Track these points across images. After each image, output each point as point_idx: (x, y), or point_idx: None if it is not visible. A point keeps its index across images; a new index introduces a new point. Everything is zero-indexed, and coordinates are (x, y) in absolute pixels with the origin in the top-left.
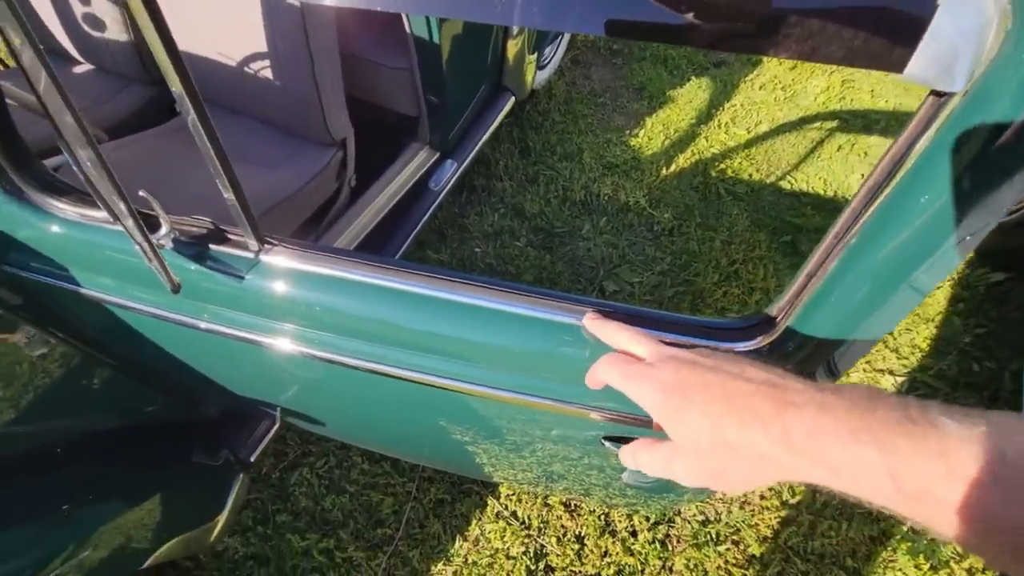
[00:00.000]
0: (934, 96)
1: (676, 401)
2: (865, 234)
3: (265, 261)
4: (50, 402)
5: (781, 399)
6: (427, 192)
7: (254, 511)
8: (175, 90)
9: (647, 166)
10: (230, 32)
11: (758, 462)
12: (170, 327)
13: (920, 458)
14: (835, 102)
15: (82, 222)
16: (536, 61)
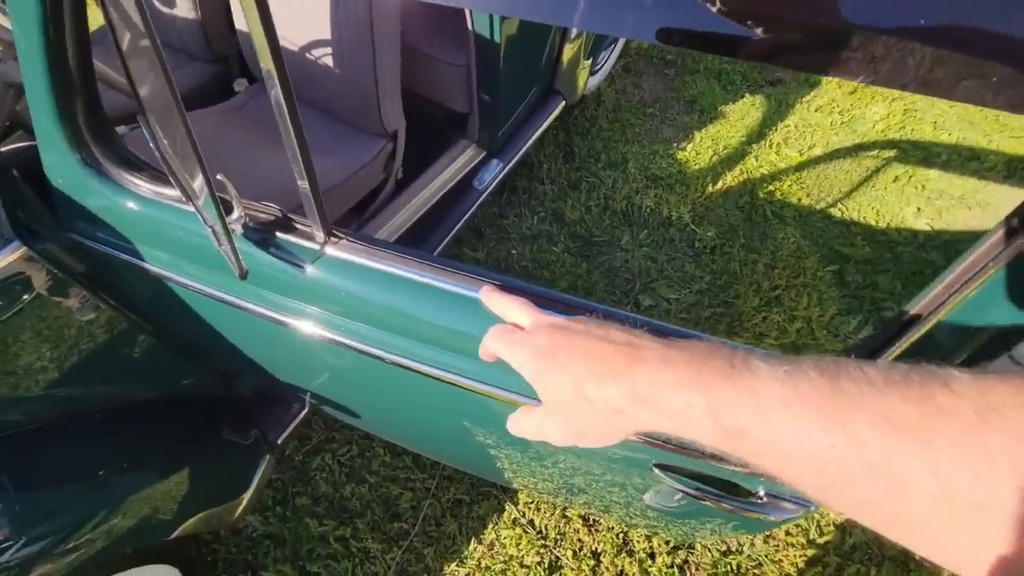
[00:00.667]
0: None
1: (545, 363)
2: (971, 304)
3: (330, 253)
4: (93, 368)
5: (634, 356)
6: (471, 190)
7: (275, 491)
8: (265, 67)
9: (693, 181)
10: (297, 17)
11: (612, 415)
12: (225, 308)
13: (736, 397)
14: (895, 131)
15: (155, 199)
16: (590, 66)
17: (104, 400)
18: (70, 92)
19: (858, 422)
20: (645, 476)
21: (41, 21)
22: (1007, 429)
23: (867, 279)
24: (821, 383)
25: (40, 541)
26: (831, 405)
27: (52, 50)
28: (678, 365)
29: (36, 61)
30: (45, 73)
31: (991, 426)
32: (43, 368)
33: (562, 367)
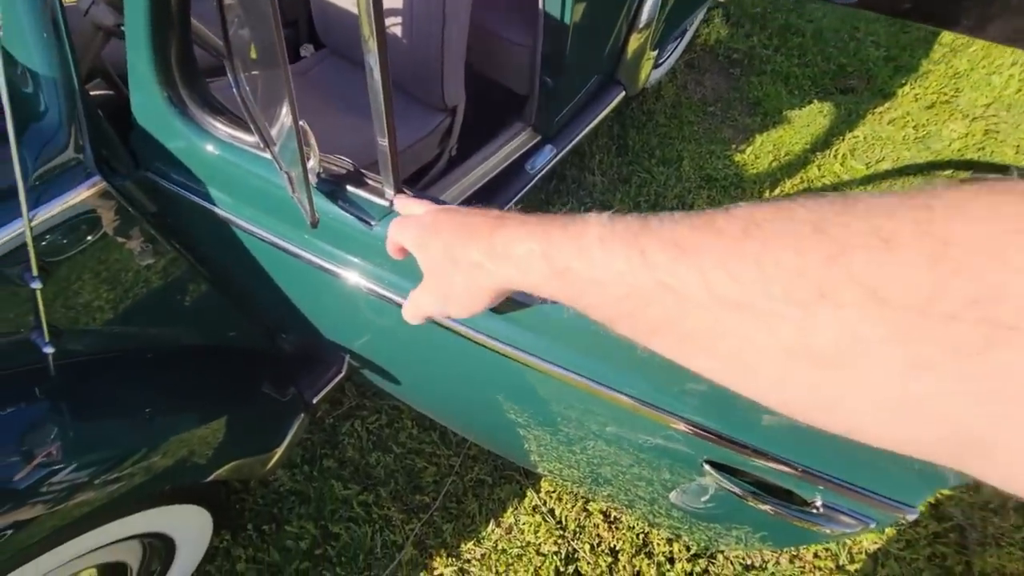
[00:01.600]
0: None
1: (424, 235)
2: None
3: (397, 210)
4: (150, 308)
5: (496, 223)
6: (522, 173)
7: (304, 451)
8: (366, 34)
9: (749, 185)
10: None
11: (472, 271)
12: (285, 258)
13: (565, 241)
14: (972, 151)
15: (233, 144)
16: (655, 58)
17: (156, 341)
18: (167, 32)
19: (653, 248)
20: (676, 470)
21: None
22: (761, 236)
23: None
24: (633, 223)
25: (87, 468)
26: (635, 239)
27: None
28: (530, 224)
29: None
30: (147, 11)
31: (750, 236)
32: (105, 301)
33: (438, 236)
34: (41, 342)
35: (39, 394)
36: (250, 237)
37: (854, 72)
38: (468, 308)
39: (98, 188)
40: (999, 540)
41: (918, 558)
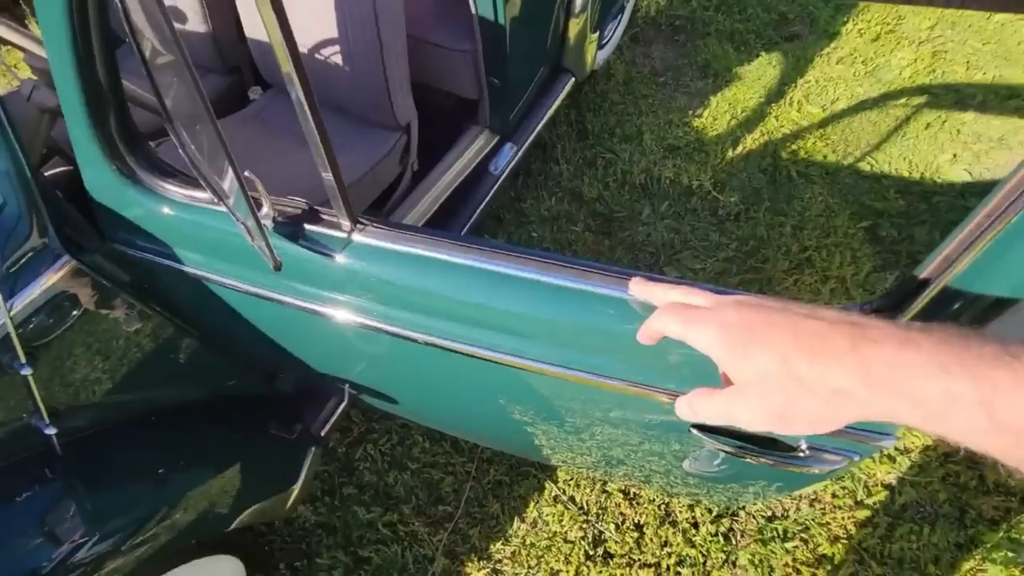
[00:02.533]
0: None
1: (740, 339)
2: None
3: (357, 240)
4: (145, 374)
5: (858, 335)
6: (487, 176)
7: (322, 483)
8: (286, 71)
9: (712, 148)
10: (303, 20)
11: (832, 398)
12: (261, 303)
13: (1020, 389)
14: (923, 76)
15: (188, 203)
16: (597, 40)
17: (157, 403)
18: (103, 108)
19: None
20: (684, 440)
21: (72, 45)
22: None
23: (903, 233)
24: None
25: (110, 537)
26: None
27: (84, 71)
28: (923, 347)
29: (70, 82)
30: (79, 92)
31: None
32: (101, 377)
33: (762, 344)
34: (42, 425)
35: (51, 475)
36: (225, 289)
37: (796, 18)
38: (813, 430)
39: (69, 268)
40: None
41: (932, 480)
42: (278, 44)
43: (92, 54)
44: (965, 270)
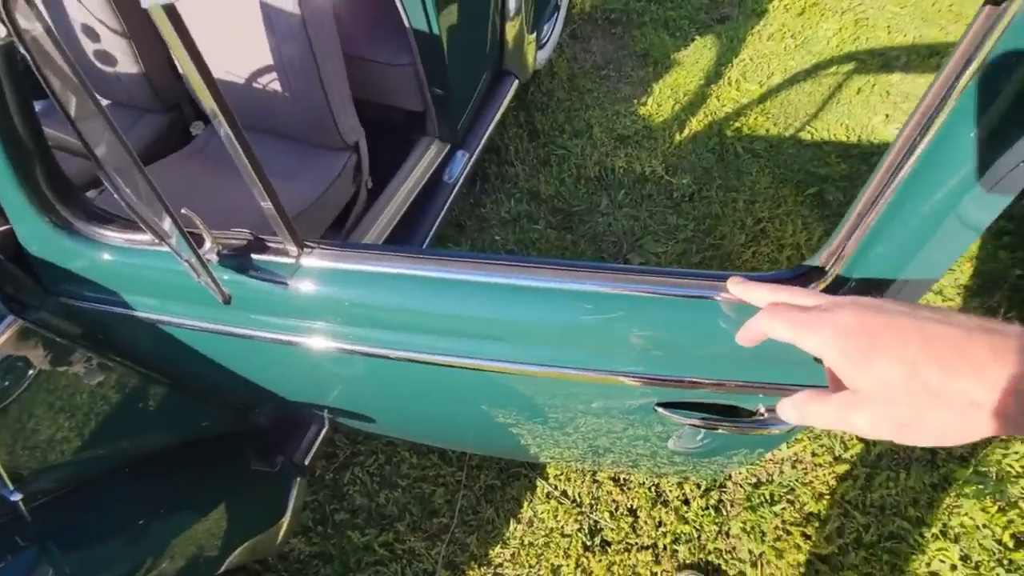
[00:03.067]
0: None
1: (860, 345)
2: (913, 175)
3: (306, 264)
4: (113, 426)
5: (1001, 345)
6: (442, 185)
7: (312, 512)
8: (209, 108)
9: (660, 133)
10: (233, 50)
11: (968, 410)
12: (221, 339)
13: None
14: (849, 44)
15: (129, 247)
16: (536, 40)
17: (130, 454)
18: (27, 161)
19: None
20: (650, 419)
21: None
22: None
23: (848, 195)
24: None
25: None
26: None
27: (2, 127)
28: None
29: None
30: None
31: None
32: (66, 435)
33: (887, 350)
34: (5, 491)
35: (22, 542)
36: (181, 330)
37: (725, 1)
38: (945, 442)
39: (14, 328)
40: None
41: None
42: (196, 83)
43: (7, 108)
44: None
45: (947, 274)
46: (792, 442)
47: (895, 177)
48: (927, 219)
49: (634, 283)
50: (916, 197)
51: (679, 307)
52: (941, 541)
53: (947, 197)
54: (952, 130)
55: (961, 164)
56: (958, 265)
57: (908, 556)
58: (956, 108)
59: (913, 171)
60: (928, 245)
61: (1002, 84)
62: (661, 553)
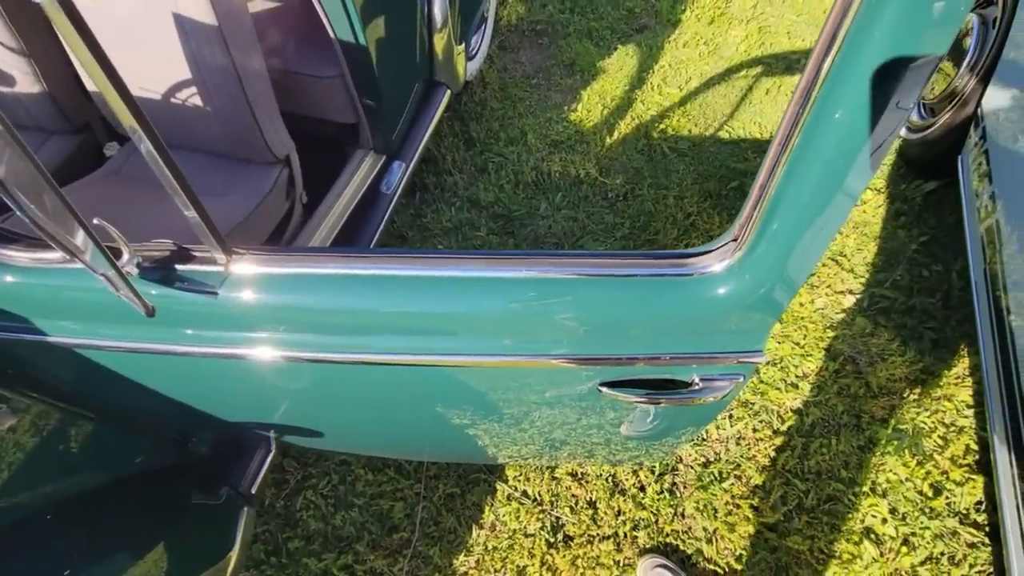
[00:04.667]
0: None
1: None
2: (797, 151)
3: (236, 272)
4: (30, 472)
5: None
6: (380, 196)
7: (264, 543)
8: (127, 124)
9: (591, 138)
10: (147, 64)
11: None
12: (147, 358)
13: None
14: (755, 49)
15: (37, 267)
16: (465, 51)
17: (53, 500)
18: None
19: None
20: (600, 404)
21: None
22: None
23: None
24: None
25: None
26: None
27: None
28: None
29: None
30: None
31: None
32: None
33: None
34: None
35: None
36: (102, 352)
37: (642, 12)
38: None
39: None
40: (882, 355)
41: (830, 396)
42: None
43: None
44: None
45: (856, 254)
46: (735, 421)
47: (782, 155)
48: (814, 189)
49: (566, 267)
50: (801, 171)
51: (608, 287)
52: (872, 498)
53: (826, 169)
54: (823, 110)
55: (833, 140)
56: (864, 244)
57: (845, 515)
58: (822, 92)
59: (796, 149)
60: (818, 213)
61: (860, 66)
62: (622, 541)
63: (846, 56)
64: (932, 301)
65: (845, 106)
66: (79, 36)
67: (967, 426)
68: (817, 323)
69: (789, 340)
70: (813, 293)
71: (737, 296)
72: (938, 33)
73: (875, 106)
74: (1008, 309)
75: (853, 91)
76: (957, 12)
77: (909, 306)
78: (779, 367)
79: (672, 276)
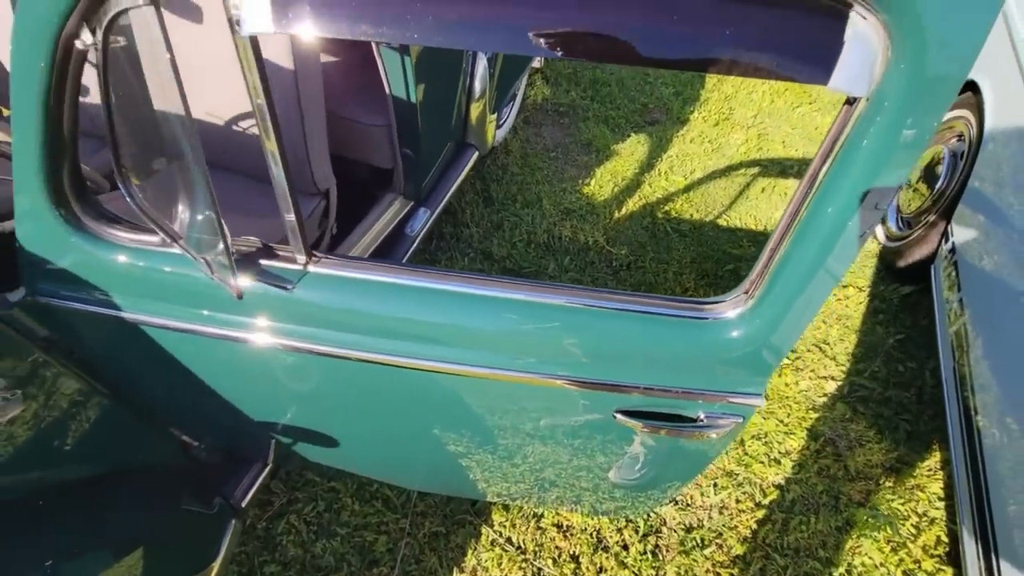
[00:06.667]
0: (847, 105)
1: None
2: (799, 229)
3: (313, 271)
4: (41, 444)
5: None
6: (403, 237)
7: (239, 565)
8: (264, 138)
9: (601, 210)
10: (220, 93)
11: None
12: (206, 343)
13: None
14: (754, 152)
15: (136, 247)
16: (496, 120)
17: (53, 479)
18: (60, 159)
19: None
20: (608, 449)
21: (45, 92)
22: None
23: None
24: None
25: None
26: None
27: (51, 117)
28: None
29: (32, 129)
30: (40, 140)
31: None
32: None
33: None
34: None
35: None
36: (164, 332)
37: (655, 107)
38: None
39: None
40: (860, 441)
41: (810, 475)
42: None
43: (63, 100)
44: (764, 285)
45: (839, 343)
46: (719, 489)
47: (789, 229)
48: (811, 260)
49: (603, 300)
50: (802, 245)
51: (636, 322)
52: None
53: (821, 247)
54: (819, 205)
55: (826, 226)
56: (846, 335)
57: None
58: (818, 193)
59: (799, 227)
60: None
61: (847, 176)
62: None
63: (838, 167)
64: (907, 395)
65: (835, 204)
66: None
67: (939, 517)
68: (801, 403)
69: (774, 417)
70: (798, 375)
71: (746, 340)
72: (907, 155)
73: (857, 206)
74: (975, 409)
75: (841, 194)
76: (921, 142)
77: (886, 397)
78: (763, 442)
79: (691, 318)
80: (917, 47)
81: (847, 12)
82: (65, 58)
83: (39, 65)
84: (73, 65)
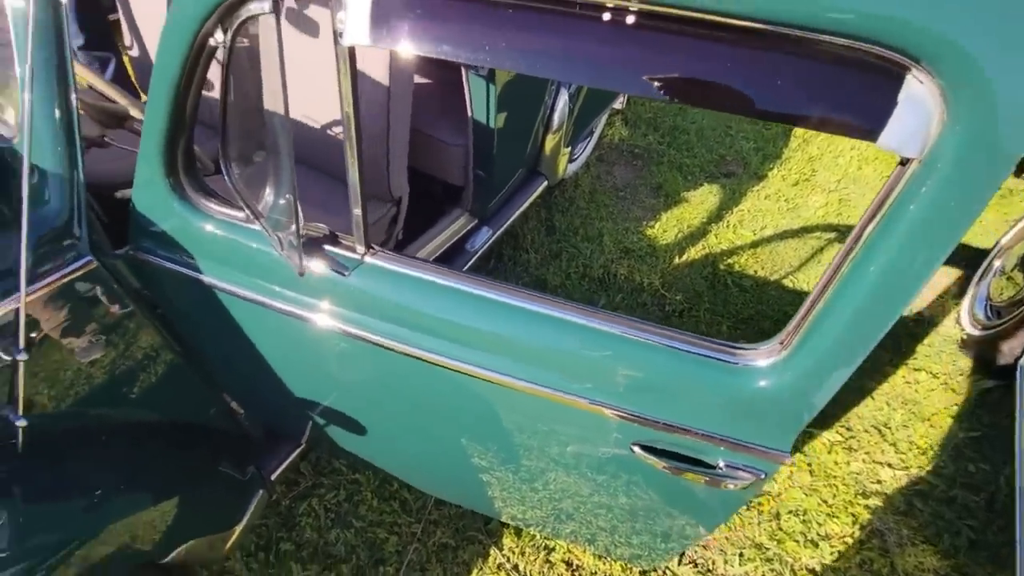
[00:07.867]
0: (900, 166)
1: None
2: (840, 285)
3: (368, 262)
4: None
5: None
6: (463, 252)
7: (258, 537)
8: (347, 138)
9: (661, 254)
10: (317, 99)
11: None
12: (267, 314)
13: None
14: (833, 216)
15: (225, 220)
16: (569, 154)
17: (116, 420)
18: (179, 129)
19: None
20: (629, 464)
21: (178, 80)
22: None
23: None
24: None
25: (38, 555)
26: None
27: (178, 102)
28: None
29: (162, 110)
30: (166, 120)
31: None
32: (86, 378)
33: None
34: (13, 416)
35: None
36: (233, 299)
37: (732, 160)
38: None
39: (89, 267)
40: (913, 539)
41: (850, 566)
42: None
43: (191, 84)
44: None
45: (901, 430)
46: (745, 560)
47: (830, 284)
48: (850, 318)
49: (640, 331)
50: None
51: (668, 356)
52: None
53: (860, 305)
54: (862, 264)
55: (867, 285)
56: (911, 422)
57: None
58: (862, 252)
59: (839, 283)
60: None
61: (891, 239)
62: None
63: (884, 226)
64: (975, 499)
65: (877, 264)
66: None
67: None
68: (850, 486)
69: (817, 495)
70: (850, 455)
71: (775, 391)
72: (954, 223)
73: (900, 269)
74: None
75: (884, 256)
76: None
77: (950, 496)
78: (802, 519)
79: (720, 360)
80: (977, 114)
81: (904, 74)
82: (199, 53)
83: (179, 57)
84: (204, 60)
